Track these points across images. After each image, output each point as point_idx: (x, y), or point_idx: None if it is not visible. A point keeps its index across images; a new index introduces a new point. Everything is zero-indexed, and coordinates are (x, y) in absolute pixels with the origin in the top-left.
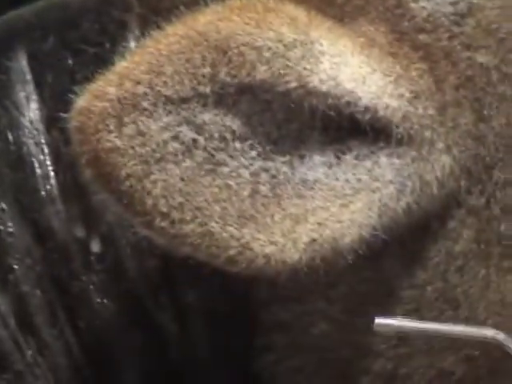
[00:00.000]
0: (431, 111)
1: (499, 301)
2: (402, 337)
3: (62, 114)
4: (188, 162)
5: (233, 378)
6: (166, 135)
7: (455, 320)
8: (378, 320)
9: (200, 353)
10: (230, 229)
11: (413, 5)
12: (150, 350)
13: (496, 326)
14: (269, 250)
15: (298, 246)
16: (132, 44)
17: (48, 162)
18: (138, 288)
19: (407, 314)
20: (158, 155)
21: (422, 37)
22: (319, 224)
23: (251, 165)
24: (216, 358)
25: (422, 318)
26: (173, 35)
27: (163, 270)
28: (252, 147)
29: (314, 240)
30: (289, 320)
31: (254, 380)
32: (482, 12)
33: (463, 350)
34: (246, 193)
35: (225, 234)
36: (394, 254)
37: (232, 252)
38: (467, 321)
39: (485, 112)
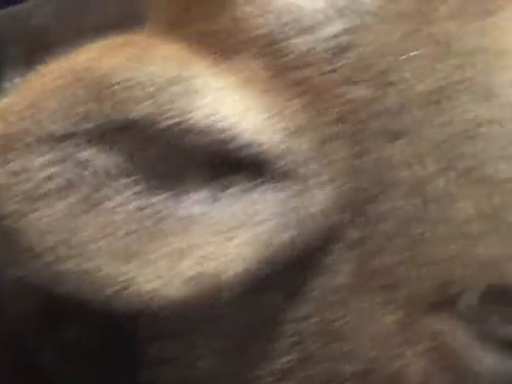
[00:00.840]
0: (311, 145)
1: (380, 333)
2: (286, 370)
3: None
4: (72, 198)
5: None
6: (50, 171)
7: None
8: None
9: None
10: (116, 264)
11: (293, 40)
12: None
13: (378, 359)
14: (154, 284)
15: (183, 280)
16: (18, 79)
17: None
18: (19, 328)
19: (291, 347)
20: (41, 191)
21: (303, 71)
22: (203, 258)
23: (136, 200)
24: None
25: (304, 351)
26: (57, 70)
27: (45, 310)
28: (136, 182)
29: (197, 274)
30: (175, 355)
31: None
32: (362, 46)
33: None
34: (130, 228)
35: (110, 270)
36: (277, 288)
37: (117, 287)
38: (351, 353)
39: (364, 146)
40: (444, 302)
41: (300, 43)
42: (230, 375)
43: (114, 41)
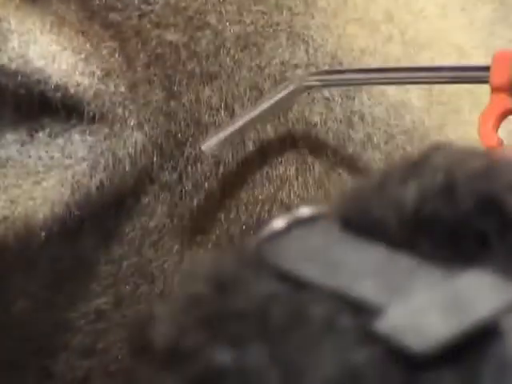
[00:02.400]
0: (122, 89)
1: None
2: (100, 312)
3: None
4: None
5: None
6: None
7: (150, 294)
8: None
9: None
10: None
11: None
12: None
13: None
14: None
15: None
16: None
17: None
18: None
19: (105, 290)
20: None
21: (113, 15)
22: (11, 202)
23: None
24: None
25: (118, 293)
26: None
27: None
28: None
29: (6, 217)
30: None
31: None
32: None
33: None
34: None
35: None
36: (90, 231)
37: None
38: (162, 295)
39: (175, 89)
40: None
41: None
42: (43, 317)
43: None
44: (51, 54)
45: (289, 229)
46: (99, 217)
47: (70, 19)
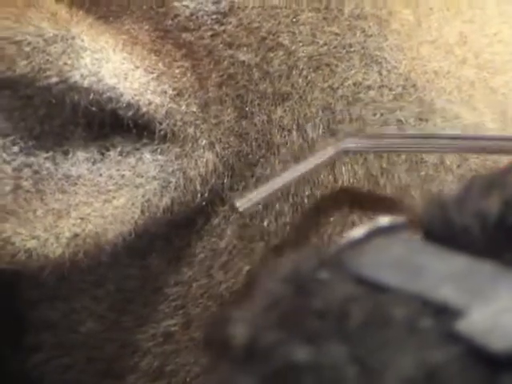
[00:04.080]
0: (194, 108)
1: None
2: (169, 334)
3: None
4: None
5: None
6: None
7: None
8: (239, 203)
9: None
10: None
11: (176, 4)
12: None
13: None
14: (30, 244)
15: (61, 240)
16: None
17: None
18: None
19: (174, 311)
20: None
21: (185, 35)
22: (82, 219)
23: (13, 160)
24: None
25: (187, 315)
26: None
27: None
28: (14, 142)
29: (76, 235)
30: (57, 319)
31: (23, 381)
32: (244, 11)
33: None
34: (7, 188)
35: None
36: (159, 251)
37: None
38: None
39: (247, 109)
40: None
41: (184, 7)
42: (111, 339)
43: None
44: (123, 73)
45: (369, 237)
46: (169, 237)
47: (143, 38)
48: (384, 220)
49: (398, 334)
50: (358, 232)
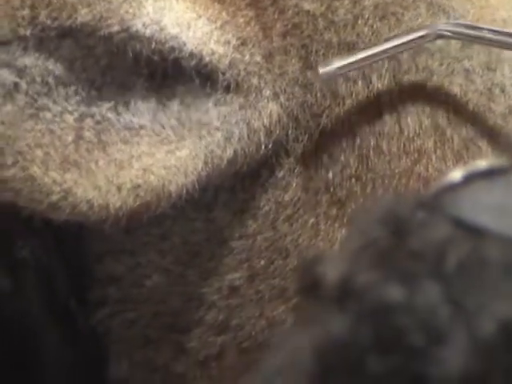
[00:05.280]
0: (258, 58)
1: (328, 249)
2: (234, 287)
3: None
4: (9, 106)
5: (67, 334)
6: None
7: (284, 268)
8: (323, 70)
9: (33, 309)
10: (53, 174)
11: None
12: None
13: None
14: (92, 195)
15: (122, 191)
16: None
17: None
18: None
19: (239, 265)
20: None
21: None
22: (144, 170)
23: (75, 110)
24: (49, 314)
25: (252, 268)
26: None
27: None
28: (76, 92)
29: (138, 186)
30: (122, 273)
31: (89, 335)
32: None
33: (292, 299)
34: (69, 138)
35: (47, 179)
36: (224, 204)
37: (54, 197)
38: (295, 271)
39: (311, 59)
40: None
41: None
42: (176, 293)
43: None
44: (186, 22)
45: (468, 180)
46: (233, 189)
47: None
48: (482, 163)
49: (495, 278)
50: (456, 175)
